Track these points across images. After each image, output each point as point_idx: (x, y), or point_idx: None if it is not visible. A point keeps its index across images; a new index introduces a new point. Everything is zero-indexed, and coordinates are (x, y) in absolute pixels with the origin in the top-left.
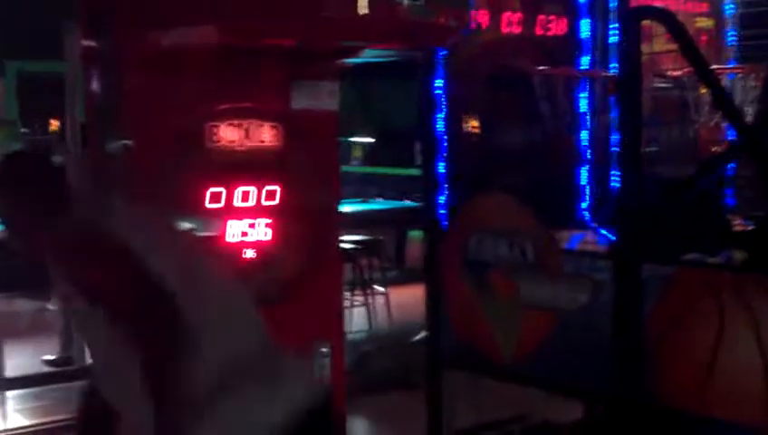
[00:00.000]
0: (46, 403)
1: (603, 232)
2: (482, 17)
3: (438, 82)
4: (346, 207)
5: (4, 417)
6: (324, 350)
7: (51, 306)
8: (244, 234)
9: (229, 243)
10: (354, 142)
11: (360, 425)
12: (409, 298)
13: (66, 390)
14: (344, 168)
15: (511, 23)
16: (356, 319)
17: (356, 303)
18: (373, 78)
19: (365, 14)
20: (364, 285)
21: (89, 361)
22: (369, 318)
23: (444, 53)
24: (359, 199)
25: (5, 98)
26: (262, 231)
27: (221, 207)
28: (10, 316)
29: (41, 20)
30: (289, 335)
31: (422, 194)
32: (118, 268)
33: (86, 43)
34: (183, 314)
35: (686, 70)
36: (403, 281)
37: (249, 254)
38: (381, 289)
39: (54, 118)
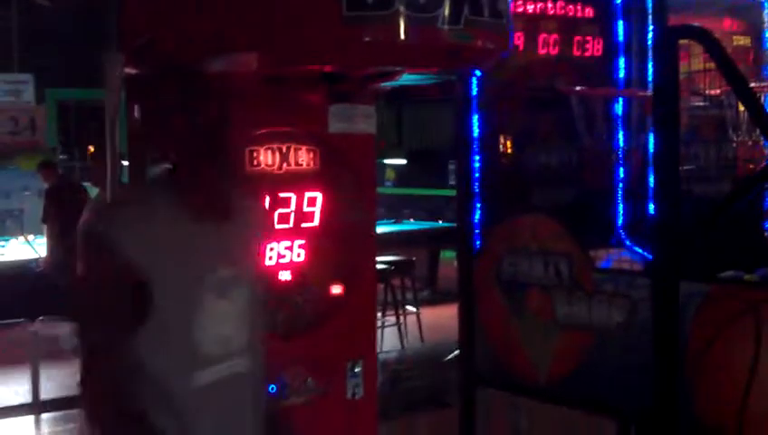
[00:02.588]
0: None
1: (639, 251)
2: (518, 39)
3: (474, 104)
4: (379, 228)
5: None
6: (357, 369)
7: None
8: (281, 256)
9: (267, 265)
10: (387, 164)
11: None
12: (442, 318)
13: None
14: (378, 189)
15: (547, 44)
16: (388, 338)
17: (388, 322)
18: (408, 100)
19: (404, 38)
20: (396, 306)
21: None
22: (402, 338)
23: (480, 74)
24: (391, 220)
25: (45, 125)
26: (299, 253)
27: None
28: (45, 339)
29: (80, 48)
30: (324, 355)
31: (456, 214)
32: None
33: (128, 70)
34: None
35: (723, 88)
36: (435, 301)
37: (285, 276)
38: (413, 309)
39: (92, 144)
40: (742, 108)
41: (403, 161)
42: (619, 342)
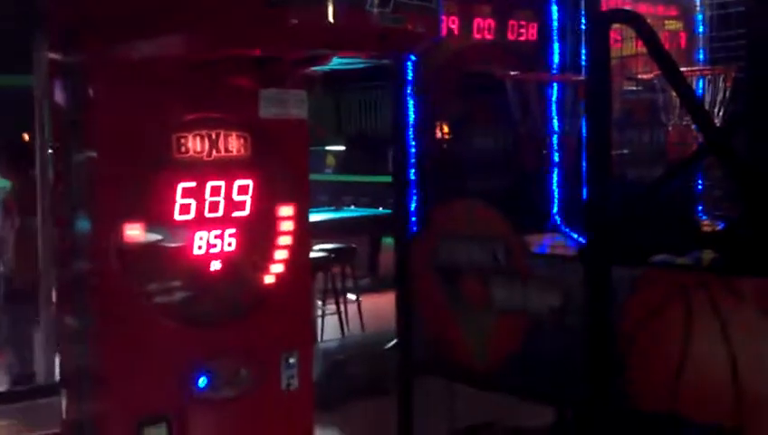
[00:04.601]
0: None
1: (574, 235)
2: (453, 23)
3: (410, 89)
4: (319, 216)
5: None
6: (292, 360)
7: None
8: (212, 245)
9: (197, 255)
10: (328, 151)
11: (333, 433)
12: (383, 305)
13: (28, 408)
14: (318, 176)
15: (482, 29)
16: (329, 327)
17: (329, 311)
18: (347, 86)
19: (332, 21)
20: (337, 294)
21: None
22: (342, 326)
23: (415, 59)
24: (332, 208)
25: None
26: (229, 242)
27: (190, 219)
28: None
29: (9, 34)
30: (257, 346)
31: (394, 200)
32: None
33: (53, 56)
34: None
35: (655, 72)
36: (376, 288)
37: (216, 265)
38: (354, 297)
39: (27, 132)
40: (674, 92)
41: (343, 148)
42: (555, 327)
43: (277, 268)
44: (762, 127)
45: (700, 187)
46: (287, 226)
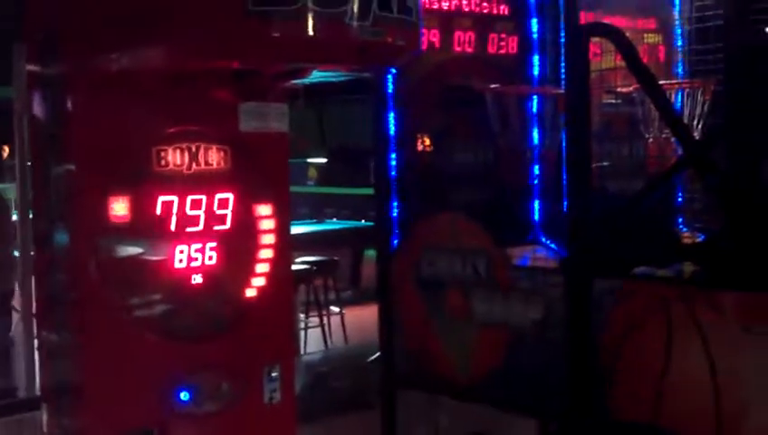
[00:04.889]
0: None
1: (556, 248)
2: (433, 37)
3: (391, 102)
4: (301, 228)
5: None
6: (274, 373)
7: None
8: (193, 259)
9: (177, 268)
10: (310, 163)
11: None
12: (366, 318)
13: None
14: (300, 188)
15: (462, 42)
16: (312, 340)
17: (311, 324)
18: (329, 98)
19: (312, 35)
20: (320, 306)
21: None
22: (325, 339)
23: (395, 72)
24: (314, 220)
25: None
26: (210, 256)
27: (170, 232)
28: None
29: None
30: (239, 359)
31: (376, 213)
32: None
33: (31, 67)
34: None
35: (635, 86)
36: (359, 301)
37: (197, 279)
38: (337, 310)
39: (7, 144)
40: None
41: (325, 160)
42: (537, 339)
43: (259, 281)
44: (740, 139)
45: (680, 199)
46: (268, 239)
